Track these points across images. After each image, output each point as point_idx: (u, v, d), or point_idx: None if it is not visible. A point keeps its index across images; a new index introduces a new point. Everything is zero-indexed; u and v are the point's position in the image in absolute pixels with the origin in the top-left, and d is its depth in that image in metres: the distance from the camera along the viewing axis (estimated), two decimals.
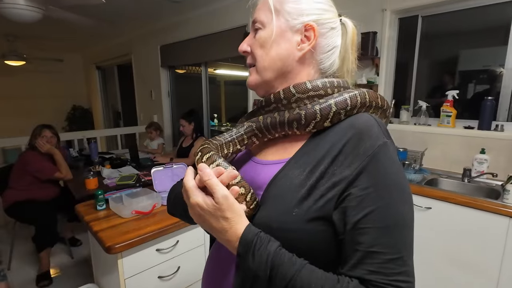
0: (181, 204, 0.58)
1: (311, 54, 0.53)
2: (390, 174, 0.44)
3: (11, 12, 1.73)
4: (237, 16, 2.68)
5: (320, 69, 0.55)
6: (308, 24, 0.51)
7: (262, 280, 0.41)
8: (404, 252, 0.41)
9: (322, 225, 0.44)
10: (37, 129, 2.38)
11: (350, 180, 0.43)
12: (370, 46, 2.19)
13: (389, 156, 0.44)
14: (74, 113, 6.16)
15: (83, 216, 1.44)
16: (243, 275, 0.43)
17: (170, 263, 1.40)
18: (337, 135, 0.48)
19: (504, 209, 1.46)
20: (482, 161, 1.86)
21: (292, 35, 0.52)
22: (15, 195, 2.28)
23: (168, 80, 3.99)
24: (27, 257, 2.50)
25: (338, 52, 0.55)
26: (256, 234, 0.42)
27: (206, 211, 0.44)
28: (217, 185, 0.43)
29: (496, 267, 1.50)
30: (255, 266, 0.41)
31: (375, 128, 0.46)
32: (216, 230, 0.45)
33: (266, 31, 0.53)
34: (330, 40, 0.54)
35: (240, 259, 0.42)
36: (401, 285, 0.39)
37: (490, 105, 1.87)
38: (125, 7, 2.96)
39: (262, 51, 0.53)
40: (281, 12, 0.52)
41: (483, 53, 2.05)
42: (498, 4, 1.86)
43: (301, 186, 0.46)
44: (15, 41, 4.32)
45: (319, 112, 0.49)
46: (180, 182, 0.68)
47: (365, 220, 0.41)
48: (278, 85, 0.55)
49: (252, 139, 0.57)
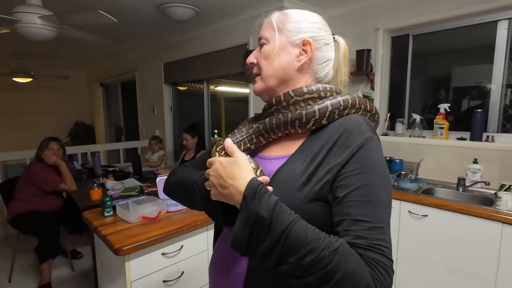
0: (183, 183, 0.66)
1: (308, 65, 0.63)
2: (374, 161, 0.52)
3: (29, 31, 1.85)
4: (238, 35, 2.84)
5: (316, 78, 0.64)
6: (305, 40, 0.61)
7: (264, 221, 0.45)
8: (384, 223, 0.48)
9: (320, 205, 0.52)
10: (44, 142, 2.45)
11: (341, 165, 0.51)
12: (365, 62, 2.32)
13: (373, 147, 0.53)
14: (77, 129, 6.25)
15: (90, 222, 1.49)
16: (246, 215, 0.47)
17: (175, 267, 1.43)
18: (331, 132, 0.56)
19: (497, 215, 1.51)
20: (475, 170, 1.93)
21: (292, 48, 0.62)
22: (20, 206, 2.32)
23: (170, 96, 4.12)
24: (28, 270, 2.50)
25: (332, 64, 0.64)
26: (260, 183, 0.49)
27: (224, 162, 0.53)
28: (237, 150, 0.56)
29: (493, 272, 1.53)
30: (259, 207, 0.46)
31: (363, 126, 0.55)
32: (227, 177, 0.51)
33: (270, 46, 0.63)
34: (324, 53, 0.63)
35: (246, 201, 0.47)
36: (382, 248, 0.46)
37: (480, 117, 1.97)
38: (133, 26, 3.12)
39: (266, 62, 0.63)
40: (283, 30, 0.62)
41: (475, 70, 2.16)
42: (483, 24, 2.00)
43: (302, 174, 0.54)
44: (23, 58, 4.48)
45: (318, 111, 0.57)
46: (180, 168, 0.75)
47: (351, 195, 0.49)
48: (280, 91, 0.64)
49: (260, 138, 0.65)
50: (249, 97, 2.89)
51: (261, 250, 0.46)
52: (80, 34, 2.22)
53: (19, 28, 1.85)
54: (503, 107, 2.01)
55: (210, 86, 3.66)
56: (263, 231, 0.45)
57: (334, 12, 2.53)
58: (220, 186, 0.52)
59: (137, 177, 2.80)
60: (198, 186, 0.62)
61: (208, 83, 3.62)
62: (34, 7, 1.85)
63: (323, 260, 0.43)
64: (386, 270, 0.45)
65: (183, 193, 0.66)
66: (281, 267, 0.45)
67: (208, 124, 3.72)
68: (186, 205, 0.70)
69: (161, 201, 1.61)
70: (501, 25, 1.94)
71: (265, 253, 0.45)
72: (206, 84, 3.62)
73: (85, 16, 1.81)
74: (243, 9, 2.65)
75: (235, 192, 0.50)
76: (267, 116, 0.66)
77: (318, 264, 0.43)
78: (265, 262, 0.46)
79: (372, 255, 0.45)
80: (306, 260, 0.43)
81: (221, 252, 0.67)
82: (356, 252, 0.45)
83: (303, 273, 0.44)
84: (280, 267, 0.45)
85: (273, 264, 0.46)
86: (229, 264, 0.62)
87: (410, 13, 2.18)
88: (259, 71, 0.65)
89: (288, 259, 0.44)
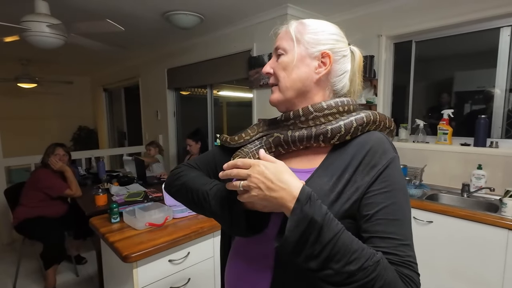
0: (191, 190, 0.65)
1: (326, 77, 0.63)
2: (398, 180, 0.55)
3: (37, 39, 1.88)
4: (242, 41, 2.86)
5: (334, 91, 0.64)
6: (324, 52, 0.61)
7: (317, 225, 0.46)
8: (410, 241, 0.52)
9: (349, 222, 0.54)
10: (50, 148, 2.48)
11: (369, 184, 0.54)
12: (368, 68, 2.34)
13: (397, 167, 0.56)
14: (80, 134, 6.29)
15: (98, 228, 1.50)
16: (299, 218, 0.47)
17: (181, 274, 1.44)
18: (356, 148, 0.57)
19: (502, 222, 1.52)
20: (480, 176, 1.93)
21: (310, 60, 0.61)
22: (26, 212, 2.33)
23: (174, 101, 4.14)
24: (33, 275, 2.51)
25: (348, 75, 0.65)
26: (311, 190, 0.50)
27: (270, 167, 0.51)
28: (275, 159, 0.53)
29: (499, 278, 1.53)
30: (314, 212, 0.47)
31: (386, 144, 0.57)
32: (278, 181, 0.50)
33: (288, 57, 0.62)
34: (342, 65, 0.63)
35: (299, 204, 0.47)
36: (412, 264, 0.49)
37: (484, 123, 1.98)
38: (138, 33, 3.16)
39: (285, 74, 0.62)
40: (302, 41, 0.61)
41: (477, 75, 2.18)
42: (485, 31, 2.02)
43: (330, 191, 0.55)
44: (28, 64, 4.53)
45: (344, 126, 0.58)
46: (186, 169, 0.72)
47: (379, 214, 0.52)
48: (298, 103, 0.64)
49: (279, 148, 0.64)
50: (253, 102, 2.91)
51: (308, 252, 0.47)
52: (87, 41, 2.25)
53: (28, 37, 1.88)
54: (506, 112, 2.01)
55: (213, 91, 3.69)
56: (313, 234, 0.46)
57: (338, 18, 2.55)
58: (268, 188, 0.50)
59: (141, 182, 2.81)
60: (210, 195, 0.62)
61: (212, 88, 3.64)
62: (42, 16, 1.88)
63: (367, 269, 0.45)
64: (416, 285, 0.49)
65: (191, 200, 0.66)
66: (323, 272, 0.46)
67: (211, 129, 3.74)
68: (191, 208, 0.70)
69: (167, 207, 1.62)
70: (504, 31, 1.95)
71: (311, 255, 0.46)
72: (210, 89, 3.64)
73: (93, 25, 1.84)
74: (247, 17, 2.68)
75: (285, 196, 0.49)
76: (282, 127, 0.65)
77: (361, 273, 0.45)
78: (308, 265, 0.47)
79: (404, 271, 0.48)
80: (351, 268, 0.45)
81: (241, 264, 0.65)
82: None
83: (345, 281, 0.45)
84: (321, 272, 0.46)
85: (315, 268, 0.46)
86: (251, 276, 0.62)
87: (412, 20, 2.20)
88: (276, 82, 0.64)
89: (332, 264, 0.46)
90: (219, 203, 0.60)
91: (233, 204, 0.57)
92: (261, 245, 0.61)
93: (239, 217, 0.56)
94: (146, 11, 2.51)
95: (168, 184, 0.73)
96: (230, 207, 0.58)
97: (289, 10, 2.40)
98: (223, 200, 0.59)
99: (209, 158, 0.76)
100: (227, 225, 0.61)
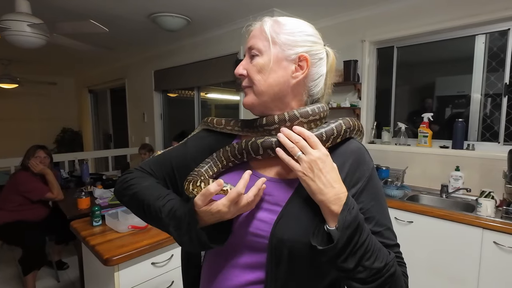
0: (144, 204, 0.61)
1: (303, 81, 0.59)
2: (380, 189, 0.60)
3: (18, 39, 1.83)
4: (229, 44, 2.88)
5: (310, 95, 0.62)
6: (302, 55, 0.57)
7: (360, 226, 0.50)
8: (397, 241, 0.59)
9: None
10: (31, 150, 2.41)
11: (356, 197, 0.55)
12: (352, 72, 2.39)
13: (376, 175, 0.60)
14: (64, 136, 6.14)
15: (79, 232, 1.47)
16: (348, 219, 0.49)
17: (165, 277, 1.43)
18: (340, 159, 0.57)
19: (478, 221, 1.58)
20: (457, 177, 2.00)
21: (287, 64, 0.58)
22: (5, 216, 2.26)
23: (161, 103, 4.11)
24: (11, 282, 2.42)
25: (324, 79, 0.62)
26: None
27: (328, 162, 0.53)
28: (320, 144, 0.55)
29: (475, 275, 1.59)
30: (357, 213, 0.50)
31: (366, 155, 0.60)
32: (334, 180, 0.51)
33: (263, 59, 0.58)
34: (319, 69, 0.60)
35: (348, 206, 0.50)
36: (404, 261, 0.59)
37: (461, 126, 2.05)
38: (124, 34, 3.13)
39: (260, 77, 0.58)
40: (277, 42, 0.57)
41: (457, 80, 2.26)
42: (462, 38, 2.11)
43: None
44: (9, 64, 4.40)
45: (335, 128, 0.57)
46: (138, 178, 0.66)
47: (373, 227, 0.55)
48: (274, 107, 0.61)
49: (268, 151, 0.58)
50: (240, 104, 2.92)
51: (349, 252, 0.49)
52: (70, 42, 2.21)
53: (8, 36, 1.83)
54: (482, 117, 2.10)
55: (201, 93, 3.68)
56: (357, 234, 0.49)
57: (323, 24, 2.60)
58: (322, 182, 0.51)
59: None
60: (163, 212, 0.58)
61: (199, 90, 3.64)
62: (23, 15, 1.84)
63: (388, 264, 0.51)
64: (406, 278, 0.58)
65: (142, 214, 0.63)
66: (357, 269, 0.49)
67: None
68: (144, 221, 0.66)
69: None
70: (479, 39, 2.04)
71: (350, 254, 0.49)
72: (197, 92, 3.63)
73: (76, 25, 1.81)
74: (234, 20, 2.70)
75: (334, 195, 0.50)
76: (262, 132, 0.61)
77: (386, 268, 0.50)
78: (345, 264, 0.49)
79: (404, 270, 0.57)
80: (378, 265, 0.50)
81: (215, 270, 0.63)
82: None
83: (373, 276, 0.49)
84: (355, 269, 0.49)
85: (352, 267, 0.49)
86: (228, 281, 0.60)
87: (393, 27, 2.27)
88: (250, 84, 0.60)
89: (364, 262, 0.49)
90: (173, 221, 0.56)
91: (192, 221, 0.53)
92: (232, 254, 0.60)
93: (200, 234, 0.53)
94: (132, 12, 2.49)
95: (118, 192, 0.67)
96: (189, 224, 0.53)
97: (275, 14, 2.43)
98: (177, 219, 0.56)
99: (165, 162, 0.69)
100: (184, 242, 0.56)
